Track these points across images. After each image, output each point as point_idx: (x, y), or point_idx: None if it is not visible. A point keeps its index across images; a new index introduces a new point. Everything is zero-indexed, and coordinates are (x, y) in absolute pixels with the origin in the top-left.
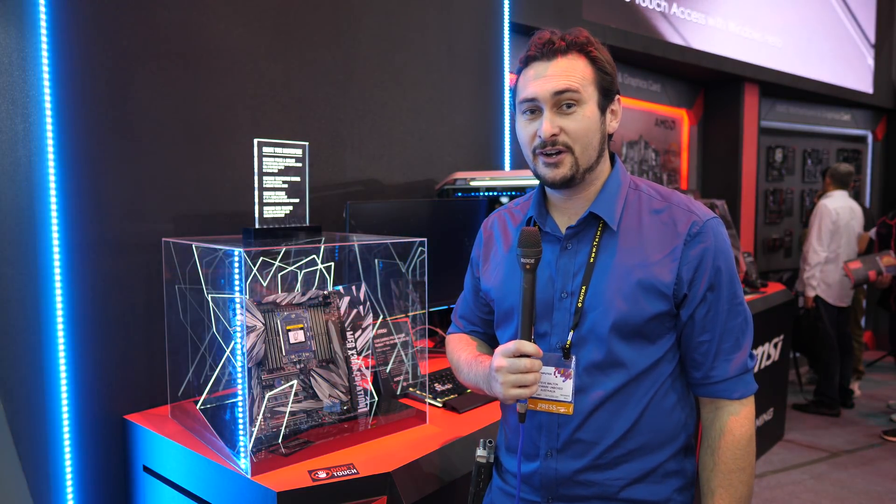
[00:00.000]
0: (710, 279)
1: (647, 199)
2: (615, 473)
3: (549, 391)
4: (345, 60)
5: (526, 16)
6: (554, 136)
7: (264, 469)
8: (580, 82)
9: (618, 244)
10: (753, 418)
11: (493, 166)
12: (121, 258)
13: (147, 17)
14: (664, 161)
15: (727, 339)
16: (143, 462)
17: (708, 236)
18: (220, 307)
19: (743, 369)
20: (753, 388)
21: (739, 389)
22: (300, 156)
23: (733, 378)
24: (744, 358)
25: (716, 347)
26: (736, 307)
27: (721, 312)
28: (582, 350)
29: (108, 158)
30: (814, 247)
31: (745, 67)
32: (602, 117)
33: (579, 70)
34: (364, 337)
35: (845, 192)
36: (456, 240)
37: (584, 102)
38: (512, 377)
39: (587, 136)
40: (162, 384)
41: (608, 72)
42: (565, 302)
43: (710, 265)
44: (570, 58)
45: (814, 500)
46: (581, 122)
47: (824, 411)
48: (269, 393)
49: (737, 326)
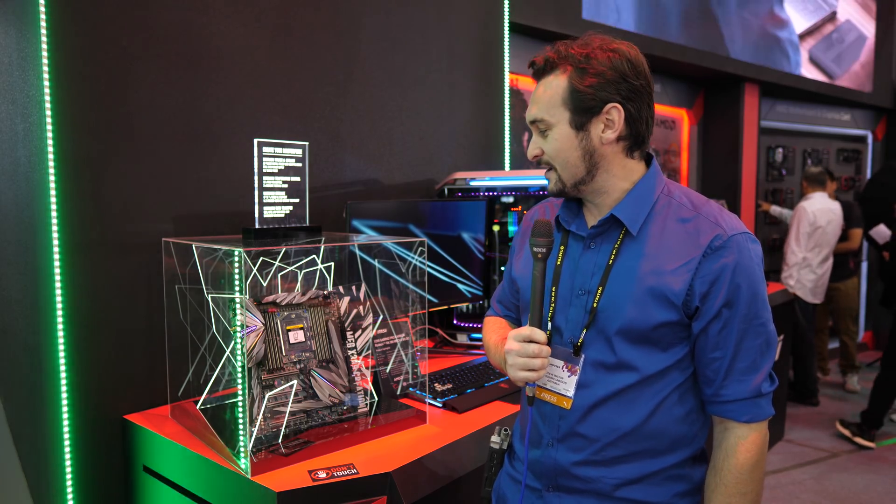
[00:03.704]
0: (727, 295)
1: (676, 207)
2: (612, 472)
3: (555, 383)
4: (345, 60)
5: (526, 16)
6: (536, 157)
7: (264, 469)
8: (546, 108)
9: (638, 249)
10: (763, 445)
11: (493, 166)
12: (121, 258)
13: (147, 17)
14: (664, 161)
15: (742, 358)
16: (143, 462)
17: (731, 251)
18: (220, 307)
19: (756, 392)
20: (766, 413)
21: (749, 413)
22: (300, 156)
23: (744, 400)
24: (759, 381)
25: (727, 366)
26: (757, 327)
27: (736, 331)
28: (591, 348)
29: (108, 158)
30: (792, 247)
31: (746, 67)
32: (580, 133)
33: (549, 94)
34: (364, 337)
35: (824, 194)
36: (456, 240)
37: (552, 126)
38: (520, 360)
39: (560, 155)
40: (162, 384)
41: (590, 84)
42: (582, 299)
43: (728, 281)
44: (549, 80)
45: (814, 500)
46: (552, 143)
47: (807, 401)
48: (269, 393)
49: (755, 347)
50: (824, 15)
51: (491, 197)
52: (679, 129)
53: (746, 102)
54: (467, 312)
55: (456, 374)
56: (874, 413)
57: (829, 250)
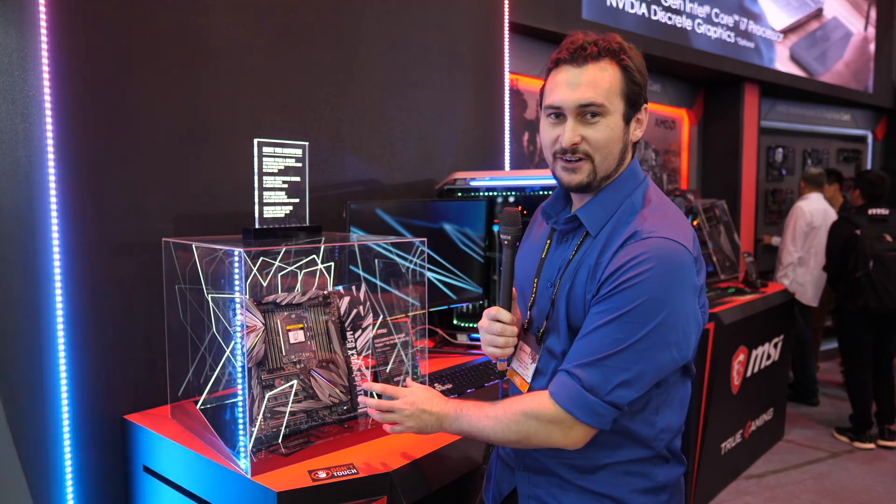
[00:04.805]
0: (612, 278)
1: (629, 209)
2: (562, 459)
3: (522, 368)
4: (345, 60)
5: (526, 16)
6: (575, 145)
7: (264, 469)
8: (605, 94)
9: (593, 249)
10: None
11: (493, 166)
12: (121, 258)
13: (147, 17)
14: (664, 161)
15: (591, 340)
16: (143, 462)
17: (635, 249)
18: (220, 307)
19: (571, 368)
20: (566, 403)
21: (556, 386)
22: (300, 156)
23: (562, 371)
24: (586, 363)
25: (578, 341)
26: (627, 326)
27: (603, 313)
28: (548, 338)
29: (108, 158)
30: (787, 247)
31: (745, 67)
32: (626, 127)
33: (607, 80)
34: (364, 337)
35: (821, 195)
36: (455, 240)
37: (608, 114)
38: (487, 336)
39: (608, 146)
40: (162, 384)
41: (637, 81)
42: (548, 291)
43: (620, 267)
44: (601, 65)
45: (814, 500)
46: (603, 132)
47: (807, 401)
48: (269, 393)
49: (608, 336)
50: (809, 11)
51: (491, 197)
52: (679, 129)
53: (746, 102)
54: (467, 312)
55: (456, 374)
56: (860, 414)
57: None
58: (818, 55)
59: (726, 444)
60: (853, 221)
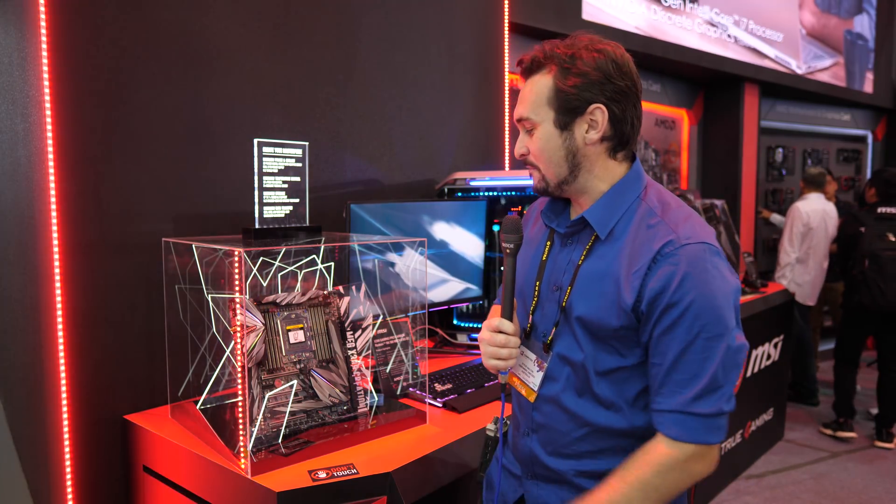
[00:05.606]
0: (669, 303)
1: (646, 212)
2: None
3: (526, 375)
4: (345, 60)
5: (526, 16)
6: (523, 156)
7: (264, 469)
8: (531, 107)
9: (605, 252)
10: (688, 466)
11: (493, 166)
12: (121, 258)
13: (147, 17)
14: (664, 161)
15: (682, 370)
16: (143, 462)
17: (679, 259)
18: (220, 307)
19: (684, 407)
20: (699, 434)
21: (676, 428)
22: (300, 156)
23: (673, 413)
24: (692, 395)
25: (663, 374)
26: (706, 342)
27: (679, 341)
28: (560, 343)
29: (108, 158)
30: (785, 248)
31: (745, 67)
32: (564, 133)
33: (535, 92)
34: (364, 337)
35: (821, 195)
36: (455, 240)
37: (538, 125)
38: (489, 349)
39: (544, 154)
40: (162, 384)
41: (577, 86)
42: (555, 295)
43: (674, 290)
44: (537, 77)
45: (814, 500)
46: (536, 143)
47: (806, 401)
48: (269, 393)
49: (697, 362)
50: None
51: (491, 197)
52: (679, 129)
53: (746, 102)
54: (467, 312)
55: (456, 374)
56: (841, 402)
57: (823, 251)
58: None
59: (726, 444)
60: (859, 218)
